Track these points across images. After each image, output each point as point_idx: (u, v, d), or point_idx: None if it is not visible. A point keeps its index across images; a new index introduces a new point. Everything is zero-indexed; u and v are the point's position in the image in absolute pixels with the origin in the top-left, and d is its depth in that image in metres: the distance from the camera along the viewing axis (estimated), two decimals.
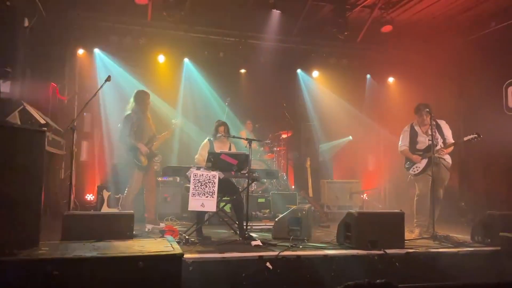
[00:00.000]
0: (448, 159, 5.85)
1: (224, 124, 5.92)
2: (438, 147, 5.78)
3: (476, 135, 5.51)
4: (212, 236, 5.25)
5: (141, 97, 6.22)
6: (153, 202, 6.40)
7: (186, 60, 9.07)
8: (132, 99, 6.25)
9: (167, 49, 8.73)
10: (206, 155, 5.67)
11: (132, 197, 6.19)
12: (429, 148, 5.65)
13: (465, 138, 5.60)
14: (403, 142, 6.15)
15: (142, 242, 4.07)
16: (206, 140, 5.95)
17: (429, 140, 5.69)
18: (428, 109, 5.77)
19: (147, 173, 6.24)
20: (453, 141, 5.88)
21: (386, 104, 9.74)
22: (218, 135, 5.84)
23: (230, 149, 5.96)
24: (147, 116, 6.33)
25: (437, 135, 5.85)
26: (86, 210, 7.44)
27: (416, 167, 5.90)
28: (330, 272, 4.07)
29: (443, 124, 6.01)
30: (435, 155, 5.61)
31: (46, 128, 5.29)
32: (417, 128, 6.05)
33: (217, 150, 5.72)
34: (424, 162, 5.84)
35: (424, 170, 5.82)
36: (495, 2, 7.23)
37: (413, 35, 8.58)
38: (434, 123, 5.83)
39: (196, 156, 5.89)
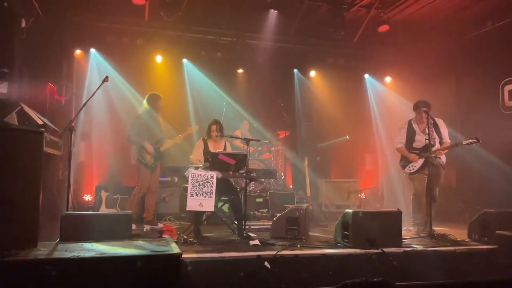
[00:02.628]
0: (443, 157, 5.86)
1: (217, 122, 5.92)
2: (436, 147, 5.79)
3: (475, 140, 5.51)
4: (211, 236, 5.26)
5: (152, 100, 6.40)
6: (154, 203, 6.45)
7: (185, 60, 9.09)
8: (144, 101, 6.44)
9: (165, 49, 8.76)
10: (201, 154, 5.70)
11: (139, 196, 6.26)
12: (426, 148, 5.65)
13: (464, 142, 5.60)
14: (399, 140, 6.12)
15: (140, 242, 4.07)
16: (200, 139, 5.96)
17: (426, 139, 5.68)
18: (425, 108, 5.78)
19: (153, 173, 6.30)
20: (450, 141, 5.90)
21: (383, 103, 9.77)
22: (217, 134, 5.84)
23: (225, 147, 5.95)
24: (158, 118, 6.45)
25: (434, 134, 5.85)
26: (84, 210, 7.43)
27: (412, 166, 5.90)
28: (328, 271, 4.08)
29: (440, 122, 6.00)
30: (432, 155, 5.61)
31: (44, 129, 5.30)
32: (415, 126, 6.02)
33: (212, 149, 5.73)
34: (420, 161, 5.83)
35: (420, 169, 5.83)
36: (491, 1, 7.26)
37: (410, 35, 8.61)
38: (432, 121, 5.83)
39: (191, 156, 5.89)
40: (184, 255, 3.59)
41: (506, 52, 7.22)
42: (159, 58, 8.83)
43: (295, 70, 9.90)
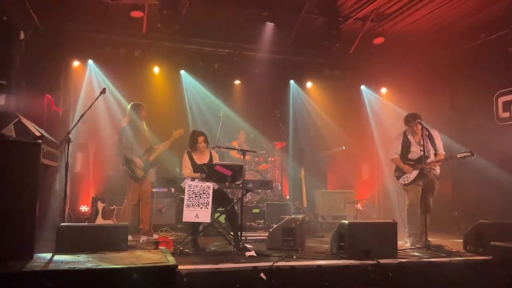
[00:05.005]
0: (437, 169, 5.88)
1: (203, 134, 5.92)
2: (430, 158, 5.82)
3: (469, 153, 5.55)
4: (207, 247, 5.26)
5: (136, 110, 6.34)
6: (148, 214, 6.43)
7: (182, 71, 9.17)
8: (128, 111, 6.37)
9: (162, 61, 8.82)
10: (190, 166, 5.69)
11: (130, 209, 6.25)
12: (421, 160, 5.66)
13: (458, 155, 5.62)
14: (394, 150, 6.14)
15: (136, 253, 4.09)
16: (185, 153, 5.89)
17: (421, 150, 5.71)
18: (415, 121, 5.82)
19: (143, 185, 6.28)
20: (444, 153, 5.93)
21: (379, 114, 9.84)
22: (204, 146, 5.84)
23: (211, 158, 5.94)
24: (143, 128, 6.40)
25: (429, 145, 5.88)
26: (81, 221, 7.42)
27: (407, 177, 5.92)
28: (324, 282, 4.09)
29: (435, 134, 6.03)
30: (426, 167, 5.64)
31: (41, 140, 5.31)
32: (410, 137, 6.03)
33: (197, 161, 5.74)
34: (415, 173, 5.85)
35: (414, 180, 5.85)
36: (485, 14, 7.37)
37: (405, 47, 8.70)
38: (427, 133, 5.87)
39: (183, 171, 5.80)
40: (180, 267, 3.60)
41: (500, 64, 7.30)
42: (156, 69, 8.91)
43: (292, 81, 9.99)
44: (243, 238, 5.36)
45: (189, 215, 4.83)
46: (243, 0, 7.45)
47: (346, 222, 4.71)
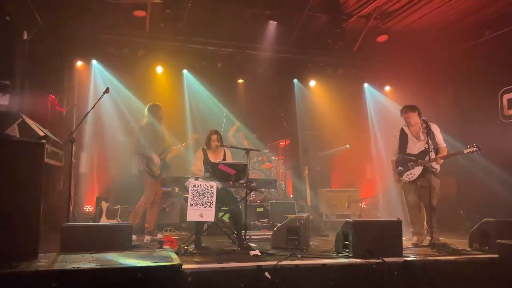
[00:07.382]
0: (437, 166, 5.78)
1: (217, 132, 5.96)
2: (433, 154, 5.75)
3: (476, 148, 5.49)
4: (211, 246, 5.25)
5: (153, 110, 6.45)
6: (156, 213, 6.47)
7: (185, 71, 9.16)
8: (146, 112, 6.47)
9: (165, 60, 8.83)
10: (201, 164, 5.72)
11: (146, 206, 6.27)
12: (422, 154, 5.60)
13: (465, 151, 5.55)
14: (393, 152, 6.06)
15: (140, 253, 4.08)
16: (199, 149, 5.98)
17: (418, 143, 5.61)
18: (407, 110, 5.79)
19: (158, 184, 6.32)
20: (445, 146, 5.85)
21: (383, 112, 9.80)
22: (217, 144, 5.87)
23: (225, 156, 5.97)
24: (161, 128, 6.49)
25: (430, 140, 5.79)
26: (85, 221, 7.43)
27: (411, 174, 5.79)
28: (329, 281, 4.07)
29: (434, 127, 5.84)
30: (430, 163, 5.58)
31: (45, 140, 5.33)
32: (406, 129, 5.93)
33: (211, 158, 5.76)
34: (419, 170, 5.75)
35: (419, 177, 5.74)
36: (489, 11, 7.33)
37: (409, 45, 8.66)
38: (425, 125, 5.76)
39: (192, 167, 5.92)
40: (184, 266, 3.59)
41: (505, 61, 7.26)
42: (159, 69, 8.91)
43: (295, 80, 9.97)
44: (247, 237, 5.34)
45: (193, 214, 4.82)
46: None
47: (351, 220, 4.69)
